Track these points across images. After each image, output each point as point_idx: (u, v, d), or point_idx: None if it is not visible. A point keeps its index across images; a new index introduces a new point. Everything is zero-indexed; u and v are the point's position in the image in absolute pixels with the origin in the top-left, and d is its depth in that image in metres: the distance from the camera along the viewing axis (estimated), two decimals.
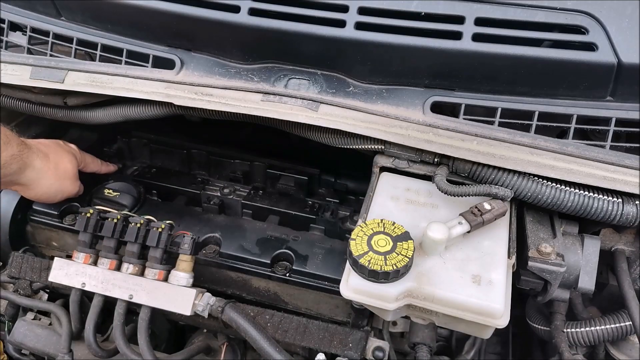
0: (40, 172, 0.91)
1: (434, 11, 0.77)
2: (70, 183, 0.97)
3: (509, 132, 0.78)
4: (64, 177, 0.96)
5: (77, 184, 1.00)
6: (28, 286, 1.02)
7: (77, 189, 1.00)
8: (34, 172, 0.89)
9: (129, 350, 0.87)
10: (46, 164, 0.92)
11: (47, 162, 0.92)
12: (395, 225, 0.74)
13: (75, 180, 0.99)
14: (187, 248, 0.88)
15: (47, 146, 0.96)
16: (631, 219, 0.75)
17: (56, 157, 0.94)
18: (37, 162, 0.90)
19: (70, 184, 0.97)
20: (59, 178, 0.94)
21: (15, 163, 0.84)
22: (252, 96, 0.85)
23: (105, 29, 0.95)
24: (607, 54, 0.73)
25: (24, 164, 0.86)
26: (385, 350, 0.87)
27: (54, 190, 0.95)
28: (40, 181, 0.92)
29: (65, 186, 0.96)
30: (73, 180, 0.98)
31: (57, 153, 0.95)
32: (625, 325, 0.87)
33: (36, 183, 0.91)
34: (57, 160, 0.94)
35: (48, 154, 0.93)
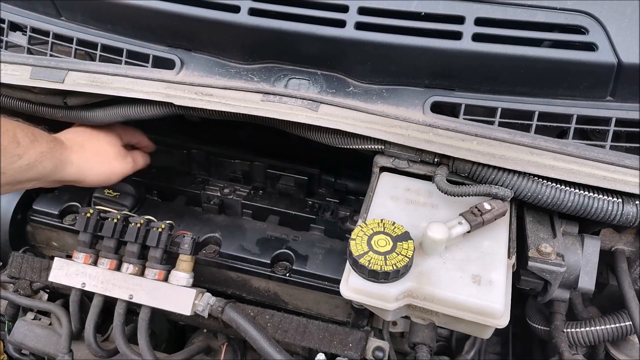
0: (80, 164, 0.88)
1: (434, 11, 0.77)
2: (119, 162, 0.94)
3: (509, 132, 0.78)
4: (109, 160, 0.93)
5: (128, 160, 0.96)
6: (28, 286, 1.02)
7: (130, 164, 0.97)
8: (73, 167, 0.87)
9: (129, 350, 0.87)
10: (84, 155, 0.89)
11: (84, 152, 0.90)
12: (395, 225, 0.74)
13: (124, 157, 0.96)
14: (187, 248, 0.88)
15: (82, 134, 0.93)
16: (631, 219, 0.75)
17: (92, 144, 0.92)
18: (73, 155, 0.88)
19: (119, 162, 0.94)
20: (103, 163, 0.92)
21: (48, 160, 0.82)
22: (252, 96, 0.85)
23: (105, 29, 0.95)
24: (607, 54, 0.73)
25: (59, 161, 0.84)
26: (385, 350, 0.87)
27: (104, 176, 0.92)
28: (85, 172, 0.89)
29: (115, 167, 0.93)
30: (120, 158, 0.95)
31: (92, 139, 0.93)
32: (625, 325, 0.87)
33: (83, 175, 0.89)
34: (95, 147, 0.92)
35: (84, 144, 0.91)
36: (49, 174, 0.83)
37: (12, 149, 0.75)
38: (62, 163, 0.85)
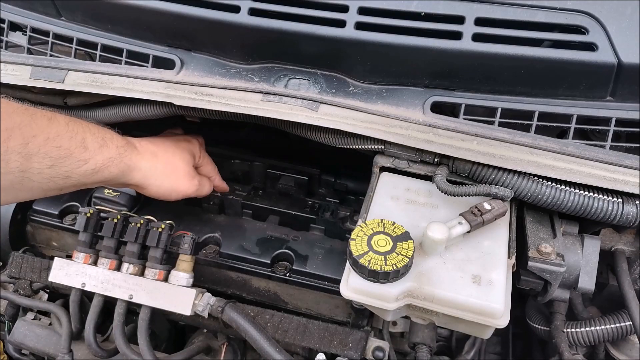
0: (148, 172, 0.86)
1: (434, 11, 0.77)
2: (185, 181, 0.91)
3: (509, 132, 0.78)
4: (176, 177, 0.90)
5: (195, 182, 0.93)
6: (28, 286, 1.02)
7: (194, 187, 0.93)
8: (140, 173, 0.85)
9: (129, 350, 0.87)
10: (154, 164, 0.87)
11: (155, 161, 0.87)
12: (395, 225, 0.74)
13: (191, 178, 0.92)
14: (187, 248, 0.88)
15: (158, 144, 0.91)
16: (631, 219, 0.75)
17: (166, 156, 0.89)
18: (143, 163, 0.85)
19: (185, 182, 0.91)
20: (169, 177, 0.89)
21: (115, 166, 0.80)
22: (252, 96, 0.85)
23: (105, 29, 0.95)
24: (607, 54, 0.73)
25: (126, 166, 0.82)
26: (385, 350, 0.87)
27: (165, 189, 0.89)
28: (149, 181, 0.87)
29: (180, 185, 0.90)
30: (188, 178, 0.91)
31: (167, 151, 0.90)
32: (625, 325, 0.87)
33: (146, 184, 0.87)
34: (167, 159, 0.89)
35: (157, 153, 0.88)
36: (115, 178, 0.81)
37: (78, 154, 0.74)
38: (129, 169, 0.83)
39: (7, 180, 0.66)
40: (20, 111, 0.68)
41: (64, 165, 0.72)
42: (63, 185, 0.74)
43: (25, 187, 0.70)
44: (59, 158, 0.71)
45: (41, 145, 0.69)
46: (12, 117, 0.66)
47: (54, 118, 0.73)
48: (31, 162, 0.68)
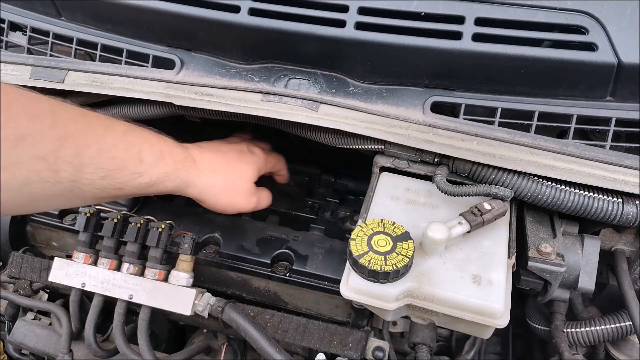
0: (204, 188, 0.83)
1: (434, 11, 0.77)
2: (243, 199, 0.87)
3: (509, 132, 0.78)
4: (234, 194, 0.86)
5: (253, 199, 0.89)
6: (28, 286, 1.02)
7: (252, 204, 0.89)
8: (196, 189, 0.82)
9: (129, 350, 0.87)
10: (212, 180, 0.83)
11: (213, 177, 0.83)
12: (395, 225, 0.74)
13: (250, 195, 0.88)
14: (187, 248, 0.88)
15: (220, 158, 0.86)
16: (631, 219, 0.75)
17: (227, 172, 0.85)
18: (201, 178, 0.82)
19: (243, 199, 0.87)
20: (227, 194, 0.85)
21: (171, 181, 0.77)
22: (252, 96, 0.85)
23: (105, 29, 0.95)
24: (607, 54, 0.73)
25: (182, 182, 0.79)
26: (385, 350, 0.87)
27: (222, 205, 0.86)
28: (206, 197, 0.84)
29: (236, 202, 0.87)
30: (246, 195, 0.88)
31: (229, 167, 0.86)
32: (625, 325, 0.87)
33: (203, 199, 0.84)
34: (227, 175, 0.85)
35: (217, 169, 0.84)
36: (170, 191, 0.79)
37: (133, 167, 0.71)
38: (185, 184, 0.80)
39: (57, 189, 0.64)
40: (77, 118, 0.66)
41: (117, 177, 0.70)
42: (115, 195, 0.72)
43: (77, 195, 0.68)
44: (112, 170, 0.69)
45: (94, 156, 0.66)
46: (67, 125, 0.64)
47: (111, 126, 0.70)
48: (82, 172, 0.66)
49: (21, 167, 0.59)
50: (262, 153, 0.94)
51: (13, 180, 0.59)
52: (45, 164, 0.61)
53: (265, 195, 0.94)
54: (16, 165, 0.58)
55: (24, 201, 0.64)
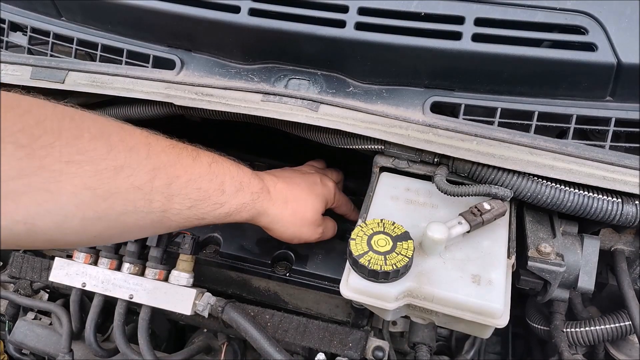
0: (274, 218, 0.84)
1: (434, 11, 0.77)
2: (309, 230, 0.88)
3: (509, 132, 0.78)
4: (301, 225, 0.87)
5: (318, 230, 0.90)
6: (28, 286, 1.02)
7: (317, 235, 0.91)
8: (267, 218, 0.83)
9: (129, 350, 0.87)
10: (282, 211, 0.84)
11: (284, 209, 0.84)
12: (395, 225, 0.74)
13: (316, 227, 0.89)
14: (187, 248, 0.88)
15: (293, 188, 0.87)
16: (631, 219, 0.75)
17: (296, 204, 0.86)
18: (272, 209, 0.83)
19: (309, 231, 0.88)
20: (294, 225, 0.86)
21: (246, 212, 0.79)
22: (252, 96, 0.85)
23: (105, 29, 0.95)
24: (607, 54, 0.73)
25: (256, 212, 0.81)
26: (385, 350, 0.87)
27: (288, 236, 0.87)
28: (275, 226, 0.85)
29: (302, 233, 0.88)
30: (312, 227, 0.89)
31: (299, 199, 0.87)
32: (624, 325, 0.87)
33: (271, 227, 0.85)
34: (296, 208, 0.86)
35: (288, 200, 0.85)
36: (244, 220, 0.81)
37: (215, 197, 0.73)
38: (258, 214, 0.82)
39: (149, 219, 0.66)
40: (168, 150, 0.69)
41: (201, 208, 0.71)
42: (197, 224, 0.74)
43: (164, 225, 0.70)
44: (198, 200, 0.71)
45: (183, 186, 0.68)
46: (159, 156, 0.66)
47: (198, 158, 0.73)
48: (172, 202, 0.67)
49: (119, 197, 0.60)
50: (333, 187, 0.95)
51: (111, 210, 0.60)
52: (140, 194, 0.63)
53: (331, 225, 0.95)
54: (115, 195, 0.60)
55: (118, 232, 0.65)
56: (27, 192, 0.52)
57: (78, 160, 0.56)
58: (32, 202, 0.53)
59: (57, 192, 0.54)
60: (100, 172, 0.58)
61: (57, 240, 0.60)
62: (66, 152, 0.55)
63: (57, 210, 0.55)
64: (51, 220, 0.56)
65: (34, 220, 0.54)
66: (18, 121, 0.52)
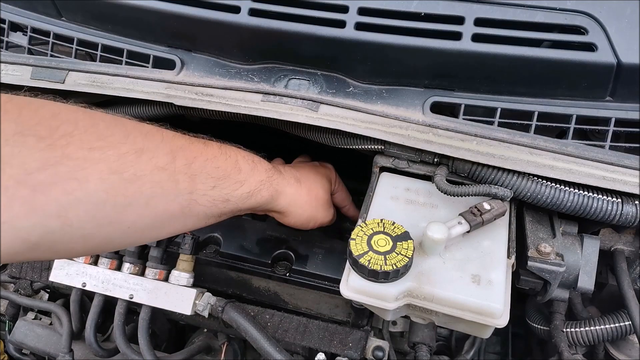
0: (292, 198, 0.84)
1: (434, 11, 0.77)
2: (324, 210, 0.89)
3: (509, 132, 0.78)
4: (317, 205, 0.88)
5: (331, 211, 0.92)
6: (29, 286, 1.02)
7: (330, 216, 0.92)
8: (287, 198, 0.83)
9: (129, 349, 0.87)
10: (298, 190, 0.85)
11: (298, 187, 0.85)
12: (395, 225, 0.74)
13: (329, 207, 0.91)
14: (187, 248, 0.88)
15: (299, 169, 0.90)
16: (630, 218, 0.75)
17: (308, 182, 0.87)
18: (288, 188, 0.83)
19: (324, 211, 0.89)
20: (310, 205, 0.87)
21: (266, 190, 0.79)
22: (252, 96, 0.85)
23: (105, 30, 0.95)
24: (607, 54, 0.73)
25: (275, 191, 0.81)
26: (385, 350, 0.87)
27: (305, 218, 0.87)
28: (292, 208, 0.85)
29: (318, 213, 0.88)
30: (326, 207, 0.90)
31: (309, 178, 0.88)
32: (624, 325, 0.87)
33: (289, 210, 0.85)
34: (310, 186, 0.87)
35: (300, 179, 0.86)
36: (265, 203, 0.80)
37: (235, 176, 0.73)
38: (277, 193, 0.81)
39: (177, 203, 0.65)
40: (179, 136, 0.70)
41: (224, 187, 0.71)
42: (223, 209, 0.73)
43: (193, 212, 0.69)
44: (219, 179, 0.71)
45: (202, 165, 0.68)
46: (174, 140, 0.67)
47: (208, 142, 0.74)
48: (196, 182, 0.67)
49: (146, 180, 0.60)
50: (333, 169, 0.97)
51: (140, 195, 0.60)
52: (165, 174, 0.63)
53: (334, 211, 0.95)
54: (141, 178, 0.60)
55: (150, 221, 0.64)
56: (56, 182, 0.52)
57: (99, 146, 0.56)
58: (61, 192, 0.52)
59: (84, 179, 0.54)
60: (123, 156, 0.58)
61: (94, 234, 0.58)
62: (86, 140, 0.55)
63: (88, 198, 0.55)
64: (84, 210, 0.55)
65: (67, 212, 0.53)
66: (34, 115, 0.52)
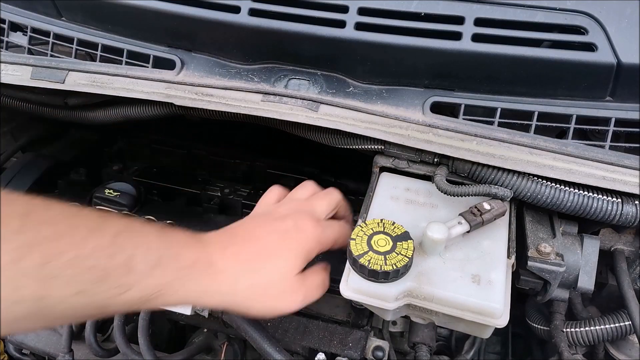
0: (225, 298, 0.65)
1: (434, 11, 0.77)
2: (281, 302, 0.68)
3: (509, 132, 0.78)
4: (269, 299, 0.67)
5: (298, 297, 0.70)
6: None
7: (298, 299, 0.70)
8: (212, 299, 0.64)
9: (129, 349, 0.87)
10: (233, 287, 0.64)
11: (234, 283, 0.64)
12: (395, 225, 0.74)
13: (293, 293, 0.69)
14: None
15: (251, 250, 0.67)
16: (630, 218, 0.75)
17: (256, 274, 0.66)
18: (214, 286, 0.64)
19: (281, 303, 0.68)
20: (256, 302, 0.67)
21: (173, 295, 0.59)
22: (252, 96, 0.85)
23: (105, 30, 0.95)
24: (607, 54, 0.73)
25: (193, 292, 0.62)
26: (385, 350, 0.87)
27: (262, 313, 0.69)
28: (231, 305, 0.66)
29: (279, 305, 0.68)
30: (291, 294, 0.69)
31: (263, 262, 0.67)
32: (624, 325, 0.87)
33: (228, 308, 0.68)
34: (256, 278, 0.66)
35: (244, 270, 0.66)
36: (178, 304, 0.65)
37: (118, 277, 0.55)
38: (197, 296, 0.63)
39: (20, 310, 0.50)
40: (58, 220, 0.53)
41: (98, 293, 0.54)
42: (98, 315, 0.61)
43: (46, 317, 0.54)
44: (90, 282, 0.53)
45: (66, 266, 0.51)
46: (40, 229, 0.51)
47: (100, 227, 0.56)
48: (50, 288, 0.51)
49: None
50: (317, 226, 0.73)
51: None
52: (4, 276, 0.48)
53: (315, 278, 0.73)
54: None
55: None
56: None
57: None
58: None
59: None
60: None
61: None
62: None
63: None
64: None
65: None
66: None
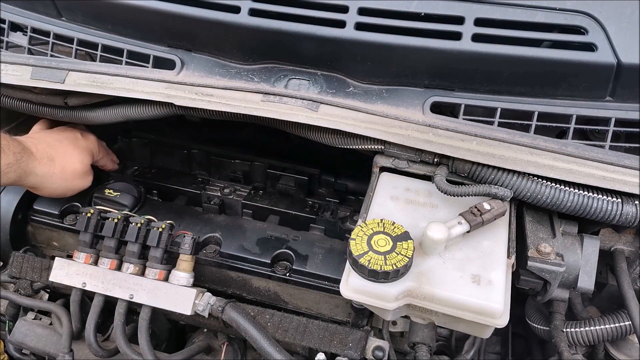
0: (43, 177, 0.90)
1: (434, 12, 0.77)
2: (80, 181, 0.98)
3: (509, 132, 0.78)
4: (72, 178, 0.96)
5: (89, 178, 1.00)
6: (29, 286, 1.02)
7: (88, 183, 1.01)
8: (36, 178, 0.89)
9: (129, 349, 0.87)
10: (50, 168, 0.91)
11: (51, 166, 0.92)
12: (395, 225, 0.74)
13: (86, 176, 0.99)
14: (187, 248, 0.88)
15: (55, 146, 0.94)
16: (630, 219, 0.75)
17: (64, 159, 0.94)
18: (39, 168, 0.89)
19: (80, 181, 0.98)
20: (65, 180, 0.94)
21: (13, 172, 0.84)
22: (252, 96, 0.85)
23: (105, 30, 0.95)
24: (607, 54, 0.73)
25: (23, 172, 0.86)
26: (385, 350, 0.87)
27: (61, 191, 0.95)
28: (45, 184, 0.92)
29: (75, 184, 0.97)
30: (83, 177, 0.98)
31: (65, 154, 0.95)
32: (624, 325, 0.87)
33: (42, 186, 0.92)
34: (65, 163, 0.94)
35: (54, 157, 0.93)
36: (12, 182, 0.86)
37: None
38: (25, 174, 0.87)
39: None
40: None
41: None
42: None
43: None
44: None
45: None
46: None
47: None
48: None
49: None
50: (95, 139, 1.05)
51: None
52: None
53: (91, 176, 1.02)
54: None
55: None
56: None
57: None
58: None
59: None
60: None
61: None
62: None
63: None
64: None
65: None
66: None
